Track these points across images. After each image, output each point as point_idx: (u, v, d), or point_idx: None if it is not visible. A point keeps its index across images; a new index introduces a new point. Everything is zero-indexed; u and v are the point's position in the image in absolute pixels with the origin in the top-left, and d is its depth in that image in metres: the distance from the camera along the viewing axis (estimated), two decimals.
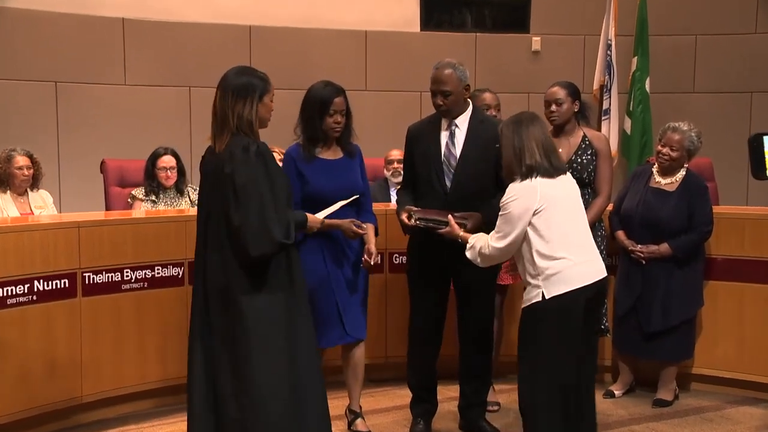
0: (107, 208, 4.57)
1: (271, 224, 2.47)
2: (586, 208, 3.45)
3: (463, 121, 3.14)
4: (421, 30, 6.57)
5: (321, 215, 2.91)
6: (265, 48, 6.21)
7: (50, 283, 3.27)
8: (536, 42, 6.60)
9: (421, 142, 3.18)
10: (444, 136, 3.14)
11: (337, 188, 3.07)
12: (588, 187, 3.52)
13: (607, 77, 6.17)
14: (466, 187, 3.08)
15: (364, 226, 3.08)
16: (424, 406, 3.32)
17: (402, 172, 3.39)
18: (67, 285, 3.32)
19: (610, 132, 6.11)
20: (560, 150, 3.51)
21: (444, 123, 3.16)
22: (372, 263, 3.12)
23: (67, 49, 5.79)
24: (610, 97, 6.16)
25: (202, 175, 2.67)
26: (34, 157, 4.49)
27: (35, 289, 3.22)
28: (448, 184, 3.09)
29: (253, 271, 2.52)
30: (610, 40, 6.16)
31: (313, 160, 3.08)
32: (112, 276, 3.44)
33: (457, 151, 3.11)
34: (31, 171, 4.45)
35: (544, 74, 6.16)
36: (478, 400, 3.31)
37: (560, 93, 3.52)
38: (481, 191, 3.08)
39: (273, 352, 2.52)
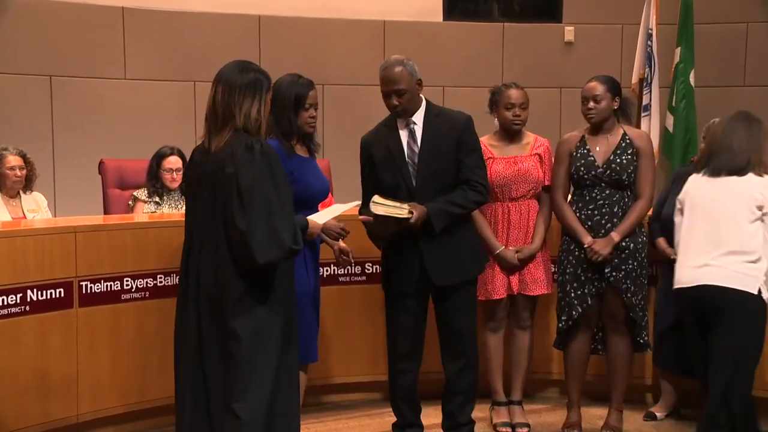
0: (106, 212, 4.60)
1: (279, 229, 2.48)
2: (624, 213, 3.46)
3: (419, 118, 3.23)
4: (444, 20, 6.57)
5: (320, 220, 2.90)
6: (276, 40, 6.23)
7: (44, 292, 3.29)
8: (569, 32, 6.58)
9: (379, 147, 3.24)
10: (404, 135, 3.22)
11: (322, 188, 3.12)
12: (628, 190, 3.50)
13: (647, 70, 6.14)
14: (431, 183, 3.16)
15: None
16: (409, 430, 3.37)
17: (369, 187, 3.30)
18: (62, 295, 3.34)
19: (651, 130, 6.07)
20: (598, 149, 3.52)
21: (400, 123, 3.23)
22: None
23: (63, 40, 5.84)
24: (650, 91, 6.12)
25: (193, 178, 2.67)
26: (27, 157, 4.53)
27: (28, 299, 3.24)
28: (414, 183, 3.16)
29: (252, 282, 2.53)
30: (651, 30, 6.13)
31: (292, 156, 3.09)
32: (111, 285, 3.46)
33: (418, 148, 3.19)
34: (24, 172, 4.49)
35: (577, 67, 6.14)
36: (465, 419, 3.35)
37: (599, 89, 3.51)
38: (446, 186, 3.17)
39: (265, 372, 2.54)
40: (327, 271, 3.87)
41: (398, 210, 3.03)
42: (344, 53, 6.29)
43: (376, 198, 3.01)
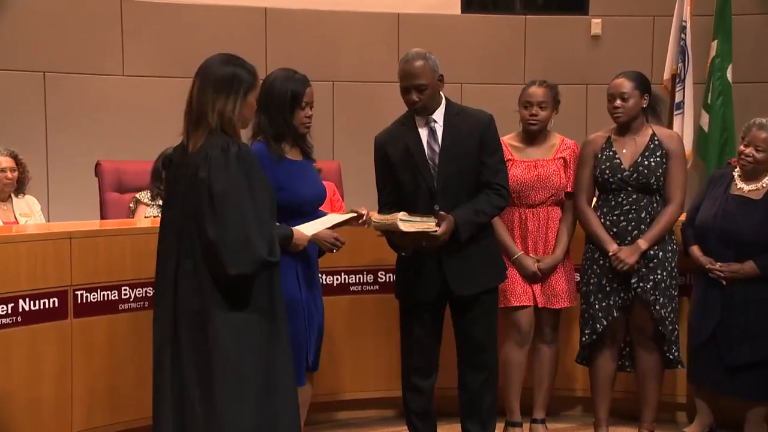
0: (103, 217, 4.64)
1: (253, 239, 2.45)
2: (653, 219, 3.46)
3: (440, 116, 3.24)
4: (462, 12, 6.60)
5: (308, 231, 2.85)
6: (283, 34, 6.27)
7: (37, 302, 3.32)
8: (596, 24, 6.58)
9: (397, 146, 3.25)
10: (423, 134, 3.23)
11: (315, 194, 3.10)
12: (657, 194, 3.50)
13: (680, 65, 6.12)
14: (453, 185, 3.18)
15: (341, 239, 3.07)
16: None
17: (386, 189, 3.31)
18: (56, 305, 3.37)
19: (684, 129, 6.05)
20: (624, 151, 3.53)
21: (419, 121, 3.24)
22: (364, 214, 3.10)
23: (57, 34, 5.90)
24: (684, 88, 6.11)
25: (170, 181, 2.67)
26: (19, 158, 4.57)
27: (20, 310, 3.27)
28: (435, 184, 3.16)
29: (231, 293, 2.52)
30: (685, 21, 6.11)
31: (282, 160, 3.05)
32: (108, 294, 3.49)
33: (439, 147, 3.20)
34: (16, 174, 4.54)
35: (605, 62, 6.15)
36: None
37: (627, 86, 3.51)
38: (468, 189, 3.19)
39: (249, 389, 2.53)
40: (337, 279, 3.90)
41: (427, 225, 3.03)
42: (356, 48, 6.32)
43: (402, 216, 3.00)
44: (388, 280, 3.91)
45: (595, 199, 3.68)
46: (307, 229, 2.88)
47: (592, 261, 3.56)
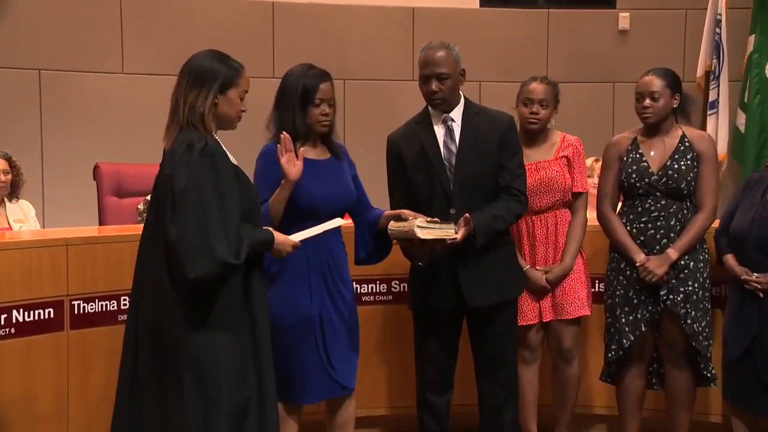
0: (101, 223, 4.67)
1: (214, 239, 2.42)
2: (683, 226, 3.46)
3: (458, 115, 3.25)
4: (481, 6, 6.61)
5: (297, 237, 2.82)
6: (292, 29, 6.30)
7: (32, 313, 3.34)
8: (624, 19, 6.57)
9: (411, 146, 3.26)
10: (439, 133, 3.25)
11: (331, 195, 3.09)
12: (687, 200, 3.50)
13: (714, 61, 6.11)
14: (470, 188, 3.19)
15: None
16: None
17: (398, 191, 3.33)
18: (52, 315, 3.39)
19: (718, 130, 6.04)
20: (652, 153, 3.52)
21: (435, 119, 3.25)
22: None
23: (53, 30, 5.95)
24: (718, 86, 6.09)
25: (154, 182, 2.67)
26: (12, 160, 4.61)
27: (13, 321, 3.30)
28: (452, 187, 3.18)
29: (198, 303, 2.48)
30: (720, 15, 6.10)
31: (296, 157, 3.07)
32: (106, 305, 3.52)
33: (456, 148, 3.21)
34: (9, 177, 4.57)
35: (633, 59, 6.13)
36: None
37: (657, 84, 3.51)
38: (485, 193, 3.20)
39: (220, 413, 2.48)
40: None
41: (446, 232, 3.03)
42: (368, 45, 6.34)
43: (420, 222, 2.99)
44: (401, 290, 3.93)
45: (620, 205, 3.68)
46: (296, 236, 2.84)
47: (618, 272, 3.55)
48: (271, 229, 2.75)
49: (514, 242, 3.42)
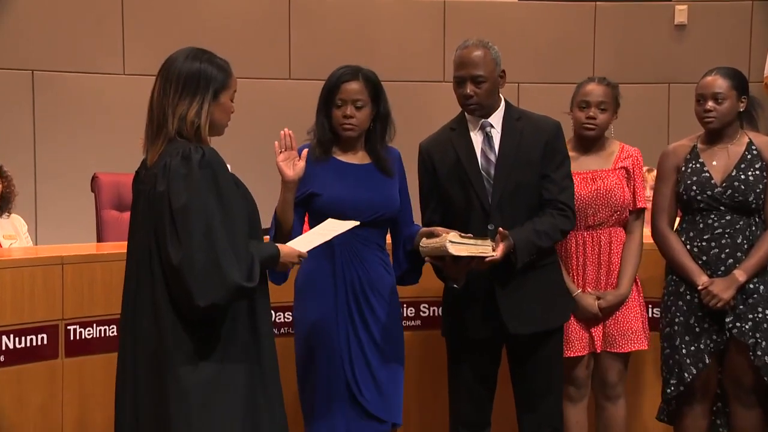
0: (100, 239, 4.69)
1: (224, 260, 2.39)
2: (751, 244, 3.42)
3: (497, 120, 3.24)
4: None
5: (303, 247, 2.78)
6: (310, 24, 6.32)
7: (23, 339, 3.35)
8: (681, 12, 6.55)
9: (445, 154, 3.25)
10: (477, 140, 3.24)
11: (360, 200, 3.11)
12: (755, 215, 3.47)
13: None
14: (511, 201, 3.17)
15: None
16: None
17: (430, 205, 3.33)
18: (45, 342, 3.40)
19: None
20: (714, 163, 3.49)
21: (472, 125, 3.25)
22: None
23: (48, 28, 6.01)
24: None
25: (134, 198, 2.66)
26: (2, 171, 4.65)
27: (3, 348, 3.30)
28: (490, 200, 3.17)
29: (198, 331, 2.47)
30: None
31: (326, 159, 3.14)
32: (105, 330, 3.52)
33: (496, 157, 3.21)
34: None
35: (692, 57, 6.11)
36: None
37: (721, 85, 3.49)
38: (527, 207, 3.19)
39: None
40: None
41: (482, 248, 3.01)
42: (394, 42, 6.35)
43: (452, 237, 2.98)
44: (432, 314, 3.91)
45: (678, 221, 3.65)
46: (301, 244, 2.81)
47: (677, 296, 3.51)
48: (270, 242, 2.75)
49: (560, 262, 3.39)
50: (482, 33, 5.79)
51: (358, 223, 2.98)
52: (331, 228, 2.92)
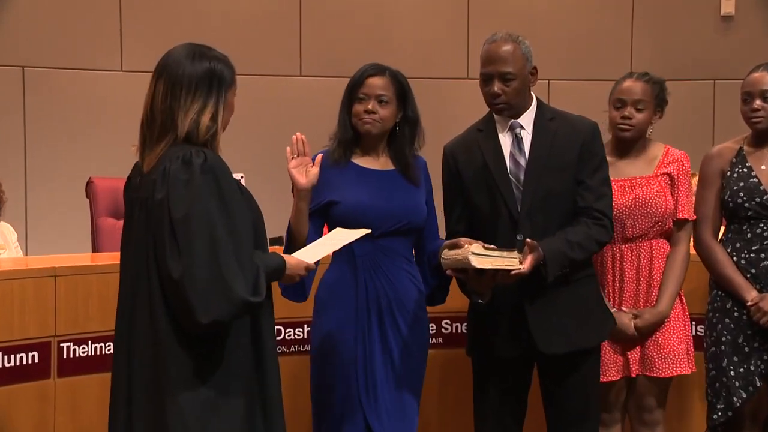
0: (95, 249, 4.70)
1: (228, 273, 2.40)
2: None
3: (528, 121, 3.22)
4: None
5: (311, 257, 2.78)
6: (321, 17, 6.34)
7: (12, 357, 3.35)
8: (727, 3, 6.53)
9: (471, 158, 3.24)
10: (505, 143, 3.22)
11: (383, 208, 3.13)
12: None
13: None
14: (542, 210, 3.15)
15: None
16: None
17: (454, 213, 3.33)
18: (36, 360, 3.40)
19: None
20: (764, 167, 3.48)
21: (501, 126, 3.24)
22: None
23: (41, 23, 6.04)
24: None
25: (127, 205, 2.66)
26: None
27: None
28: (519, 208, 3.16)
29: (198, 350, 2.47)
30: None
31: (345, 164, 3.15)
32: (101, 347, 3.52)
33: (526, 161, 3.20)
34: None
35: (739, 51, 6.09)
36: None
37: None
38: (560, 215, 3.16)
39: None
40: None
41: (508, 260, 2.99)
42: (415, 38, 6.36)
43: (475, 248, 2.95)
44: (455, 331, 3.91)
45: (722, 231, 3.63)
46: (308, 255, 2.80)
47: (723, 313, 3.50)
48: (274, 252, 2.73)
49: (596, 276, 3.37)
50: (509, 25, 5.79)
51: (368, 231, 2.98)
52: (340, 237, 2.92)
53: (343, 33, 6.22)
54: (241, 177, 3.85)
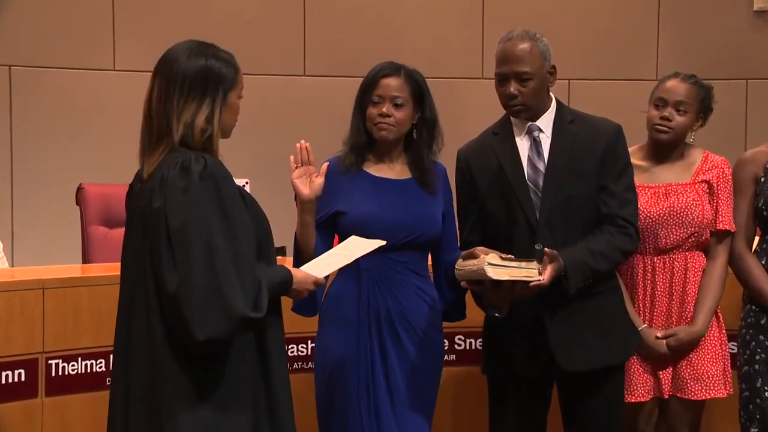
0: (86, 260, 4.71)
1: (227, 287, 2.39)
2: None
3: (547, 124, 3.22)
4: None
5: (320, 271, 2.78)
6: (327, 14, 6.34)
7: None
8: None
9: (486, 163, 3.25)
10: (523, 147, 3.23)
11: (392, 220, 3.13)
12: None
13: None
14: (562, 217, 3.16)
15: None
16: None
17: (469, 222, 3.33)
18: (23, 378, 3.41)
19: None
20: None
21: (518, 129, 3.24)
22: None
23: (28, 19, 6.05)
24: None
25: (128, 214, 2.67)
26: None
27: None
28: (537, 216, 3.15)
29: (198, 368, 2.46)
30: None
31: (356, 172, 3.17)
32: (91, 365, 3.53)
33: (545, 166, 3.20)
34: None
35: None
36: None
37: None
38: (582, 223, 3.16)
39: None
40: None
41: (526, 272, 2.98)
42: (425, 32, 6.36)
43: (491, 259, 2.95)
44: (469, 347, 3.91)
45: (756, 241, 3.61)
46: (317, 269, 2.80)
47: (758, 329, 3.48)
48: (285, 265, 2.73)
49: (621, 288, 3.36)
50: (527, 22, 5.81)
51: (384, 242, 2.98)
52: (354, 248, 2.92)
53: (348, 31, 6.22)
54: (245, 183, 3.86)
